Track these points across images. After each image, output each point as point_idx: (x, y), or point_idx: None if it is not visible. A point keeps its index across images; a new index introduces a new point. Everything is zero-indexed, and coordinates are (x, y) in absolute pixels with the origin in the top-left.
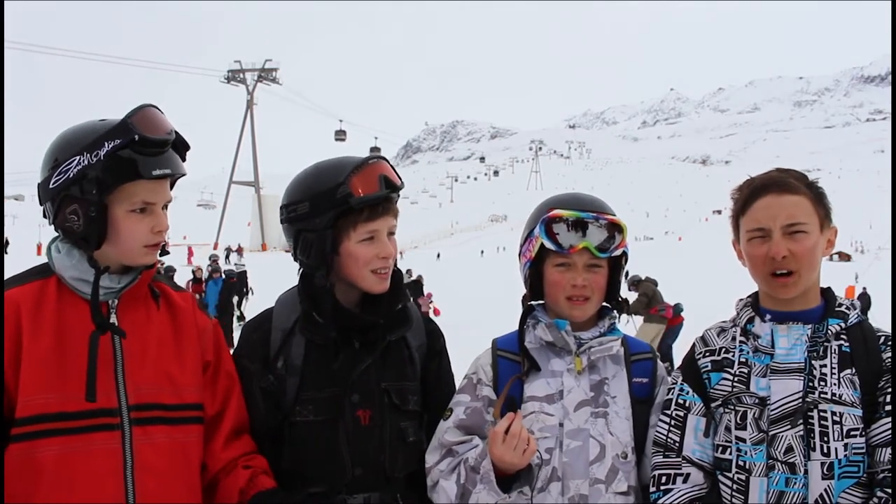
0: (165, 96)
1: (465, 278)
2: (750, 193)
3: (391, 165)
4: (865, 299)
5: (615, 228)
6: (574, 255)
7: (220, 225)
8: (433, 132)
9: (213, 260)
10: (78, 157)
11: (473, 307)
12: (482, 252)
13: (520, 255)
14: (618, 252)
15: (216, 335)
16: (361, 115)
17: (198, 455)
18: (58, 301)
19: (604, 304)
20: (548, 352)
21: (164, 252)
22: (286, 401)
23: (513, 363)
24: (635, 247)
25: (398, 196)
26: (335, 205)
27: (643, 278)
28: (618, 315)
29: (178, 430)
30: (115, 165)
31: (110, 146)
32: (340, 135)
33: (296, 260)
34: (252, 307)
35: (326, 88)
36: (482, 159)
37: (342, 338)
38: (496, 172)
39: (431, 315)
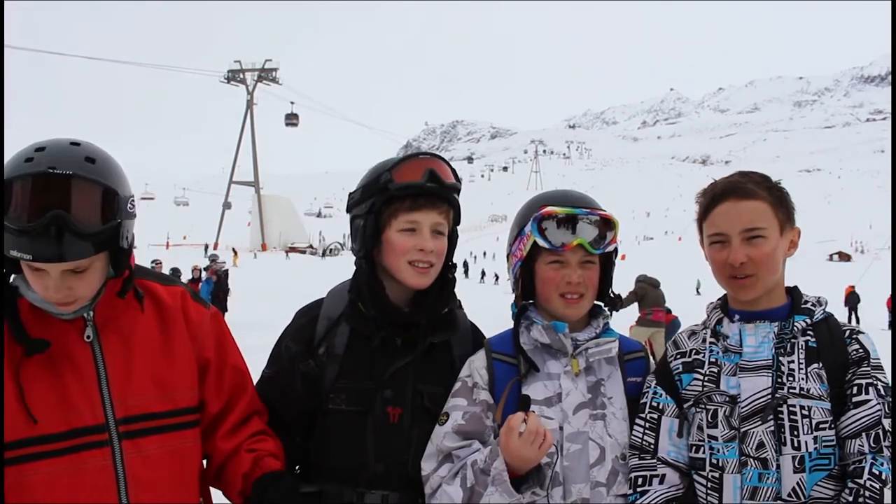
0: (166, 97)
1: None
2: (710, 199)
3: (449, 166)
4: (854, 298)
5: (607, 224)
6: (567, 253)
7: (220, 225)
8: (433, 132)
9: (212, 260)
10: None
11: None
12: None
13: (509, 255)
14: (610, 248)
15: (216, 326)
16: (361, 114)
17: (196, 459)
18: (31, 322)
19: (595, 302)
20: (543, 354)
21: (126, 266)
22: (323, 388)
23: (508, 365)
24: (635, 247)
25: (454, 198)
26: (378, 190)
27: (644, 278)
28: (610, 313)
29: (171, 437)
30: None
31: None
32: (291, 118)
33: (352, 249)
34: (250, 307)
35: (326, 88)
36: (469, 159)
37: (385, 333)
38: (505, 168)
39: None
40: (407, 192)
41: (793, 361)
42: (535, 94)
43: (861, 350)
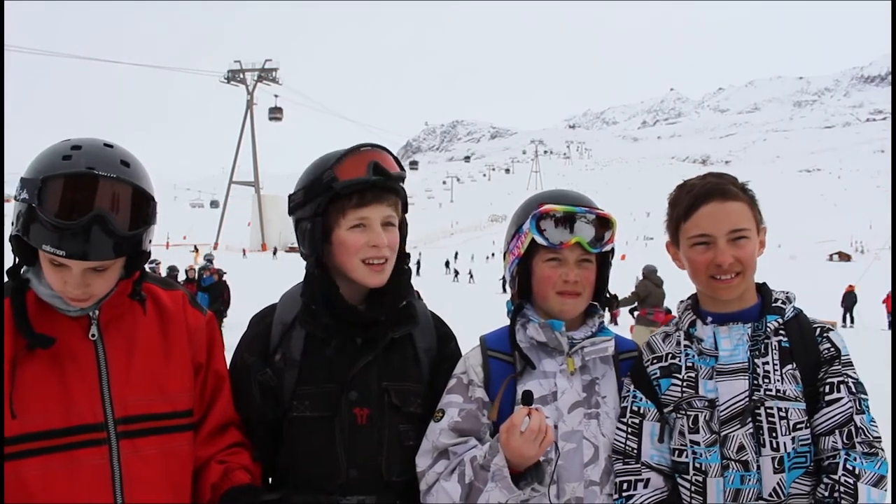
0: (166, 97)
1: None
2: (693, 200)
3: (391, 155)
4: (850, 298)
5: (605, 224)
6: (565, 251)
7: (220, 225)
8: (433, 132)
9: (208, 259)
10: (32, 176)
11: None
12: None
13: (506, 253)
14: (608, 247)
15: (210, 332)
16: (362, 114)
17: (191, 462)
18: (36, 316)
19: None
20: (539, 352)
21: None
22: (284, 395)
23: (504, 363)
24: (636, 247)
25: (400, 187)
26: (322, 190)
27: (649, 272)
28: (608, 312)
29: (170, 439)
30: (34, 228)
31: (29, 199)
32: (275, 112)
33: (301, 253)
34: (248, 307)
35: (327, 88)
36: (467, 158)
37: (343, 333)
38: (507, 170)
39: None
40: (353, 188)
41: (767, 363)
42: (535, 94)
43: (832, 349)
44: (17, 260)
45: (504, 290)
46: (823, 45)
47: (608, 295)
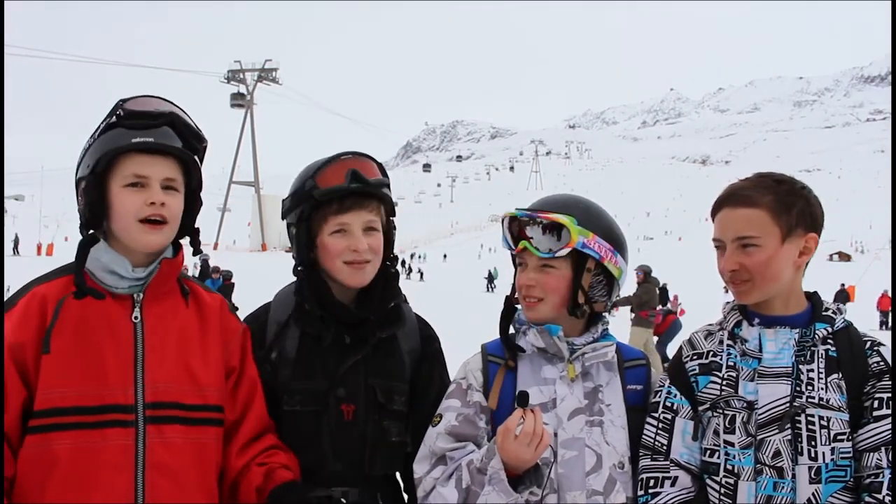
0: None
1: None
2: (715, 205)
3: (375, 162)
4: (843, 296)
5: (557, 227)
6: (525, 255)
7: (220, 225)
8: (433, 132)
9: (204, 260)
10: (85, 145)
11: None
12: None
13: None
14: (563, 252)
15: (244, 340)
16: (362, 114)
17: (215, 457)
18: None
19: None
20: (539, 358)
21: (197, 251)
22: (278, 390)
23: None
24: (635, 247)
25: (383, 193)
26: (305, 198)
27: (650, 275)
28: (607, 318)
29: (195, 430)
30: (104, 140)
31: (103, 124)
32: (237, 98)
33: (292, 255)
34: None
35: (327, 88)
36: (459, 157)
37: (334, 332)
38: (511, 168)
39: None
40: (332, 196)
41: (812, 370)
42: (535, 94)
43: (882, 363)
44: (85, 220)
45: (489, 289)
46: (823, 45)
47: (580, 303)
